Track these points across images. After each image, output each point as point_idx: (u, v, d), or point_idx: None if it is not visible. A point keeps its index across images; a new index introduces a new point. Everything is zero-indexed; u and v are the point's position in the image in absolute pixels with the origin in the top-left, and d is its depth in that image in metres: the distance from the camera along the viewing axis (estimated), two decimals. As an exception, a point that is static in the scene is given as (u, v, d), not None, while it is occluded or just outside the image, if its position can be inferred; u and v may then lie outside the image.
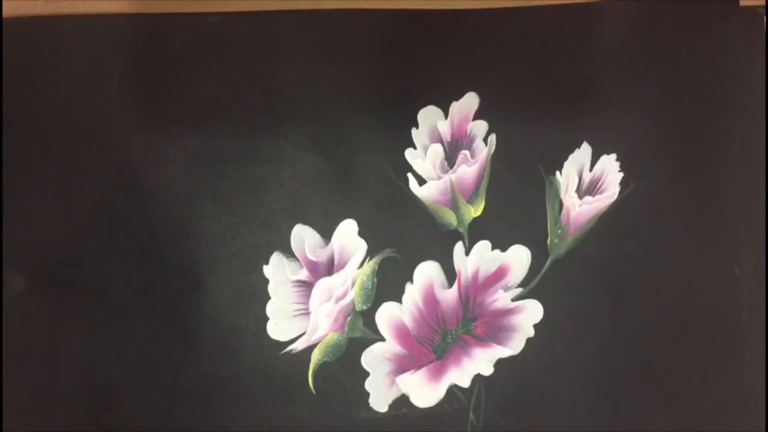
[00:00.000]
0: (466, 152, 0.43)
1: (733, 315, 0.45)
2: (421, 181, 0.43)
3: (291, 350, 0.43)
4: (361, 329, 0.43)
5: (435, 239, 0.44)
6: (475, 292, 0.44)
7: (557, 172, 0.44)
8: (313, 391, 0.43)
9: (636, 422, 0.45)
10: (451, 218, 0.44)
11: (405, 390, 0.43)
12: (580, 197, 0.44)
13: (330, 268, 0.43)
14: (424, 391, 0.43)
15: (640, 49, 0.45)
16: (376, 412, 0.43)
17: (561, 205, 0.44)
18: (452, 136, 0.43)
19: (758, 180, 0.45)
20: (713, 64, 0.45)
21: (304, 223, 0.43)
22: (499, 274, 0.44)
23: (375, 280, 0.43)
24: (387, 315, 0.43)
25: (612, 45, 0.44)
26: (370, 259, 0.43)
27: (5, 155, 0.43)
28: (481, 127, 0.43)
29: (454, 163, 0.43)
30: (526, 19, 0.44)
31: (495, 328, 0.44)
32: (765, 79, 0.45)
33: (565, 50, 0.44)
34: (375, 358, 0.43)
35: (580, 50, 0.44)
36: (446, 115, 0.43)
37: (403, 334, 0.43)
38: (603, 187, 0.44)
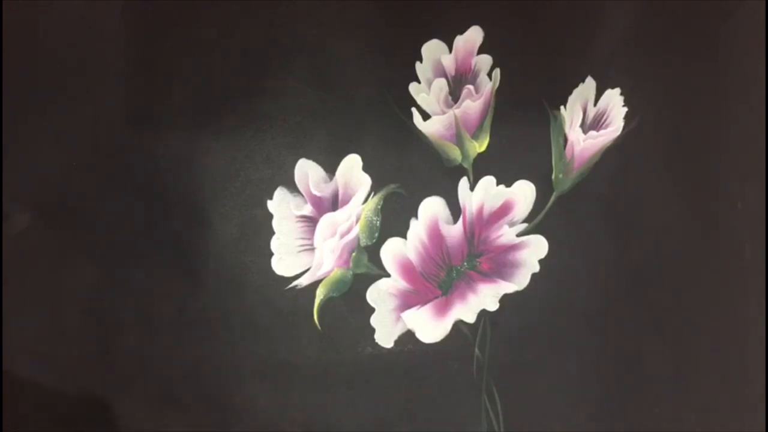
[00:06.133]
0: (471, 87, 0.43)
1: (735, 250, 0.45)
2: (425, 116, 0.43)
3: (296, 286, 0.43)
4: (366, 265, 0.43)
5: (440, 174, 0.43)
6: (480, 227, 0.43)
7: (562, 107, 0.43)
8: (319, 327, 0.43)
9: (638, 357, 0.45)
10: (455, 153, 0.43)
11: (410, 326, 0.43)
12: (585, 132, 0.44)
13: (334, 203, 0.43)
14: (430, 326, 0.43)
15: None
16: (382, 348, 0.43)
17: (565, 139, 0.44)
18: (456, 70, 0.43)
19: (760, 117, 0.45)
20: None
21: (308, 157, 0.43)
22: (504, 210, 0.43)
23: (380, 215, 0.43)
24: (392, 251, 0.43)
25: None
26: (374, 195, 0.43)
27: (7, 92, 0.42)
28: (485, 61, 0.43)
29: (459, 97, 0.43)
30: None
31: (500, 263, 0.43)
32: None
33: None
34: (380, 294, 0.43)
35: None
36: (450, 49, 0.43)
37: (408, 269, 0.43)
38: (607, 121, 0.44)
